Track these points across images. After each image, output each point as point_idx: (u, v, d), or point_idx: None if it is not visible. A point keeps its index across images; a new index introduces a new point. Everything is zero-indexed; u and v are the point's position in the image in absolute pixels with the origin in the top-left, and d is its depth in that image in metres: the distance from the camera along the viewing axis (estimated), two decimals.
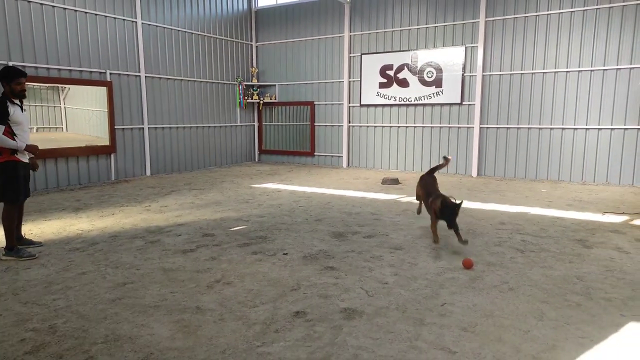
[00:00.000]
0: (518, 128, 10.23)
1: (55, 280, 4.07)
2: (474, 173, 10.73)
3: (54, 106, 9.26)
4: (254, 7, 13.53)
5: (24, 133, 4.75)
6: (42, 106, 9.06)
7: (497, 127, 10.45)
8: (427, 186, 5.46)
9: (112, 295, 3.75)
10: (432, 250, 4.95)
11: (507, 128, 10.34)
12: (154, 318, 3.32)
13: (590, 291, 3.81)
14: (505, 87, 10.28)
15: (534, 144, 10.09)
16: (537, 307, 3.50)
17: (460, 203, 4.79)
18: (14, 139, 4.62)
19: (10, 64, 8.00)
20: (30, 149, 4.77)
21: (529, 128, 10.12)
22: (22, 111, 4.78)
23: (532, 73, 9.95)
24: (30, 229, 5.77)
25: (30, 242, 5.14)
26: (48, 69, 8.68)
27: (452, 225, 4.77)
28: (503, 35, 10.19)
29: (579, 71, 9.49)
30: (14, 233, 4.80)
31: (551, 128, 9.87)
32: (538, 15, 9.78)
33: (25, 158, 4.83)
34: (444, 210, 4.80)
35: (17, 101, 4.75)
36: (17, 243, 4.89)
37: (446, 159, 5.77)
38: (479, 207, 7.22)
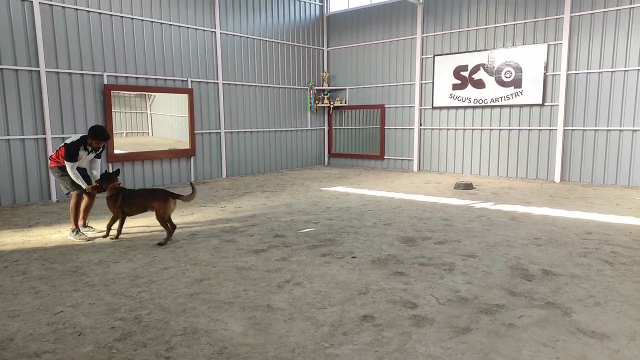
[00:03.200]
0: (608, 130, 9.43)
1: (141, 274, 4.40)
2: (557, 178, 10.04)
3: (142, 112, 10.02)
4: (326, 12, 13.73)
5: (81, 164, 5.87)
6: (131, 112, 9.85)
7: (584, 130, 9.70)
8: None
9: (191, 290, 3.98)
10: (510, 259, 4.71)
11: (595, 130, 9.57)
12: (228, 314, 3.48)
13: None
14: (593, 86, 9.52)
15: (627, 147, 9.24)
16: (629, 325, 3.20)
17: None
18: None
19: (105, 74, 8.82)
20: (89, 189, 5.74)
21: (620, 130, 9.29)
22: (88, 154, 5.80)
23: (625, 70, 9.14)
24: None
25: (89, 228, 6.11)
26: (137, 78, 9.41)
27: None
28: (591, 30, 9.45)
29: None
30: (77, 218, 5.81)
31: None
32: (632, 7, 8.96)
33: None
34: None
35: (88, 147, 5.77)
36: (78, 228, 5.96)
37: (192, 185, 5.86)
38: (562, 215, 6.75)
